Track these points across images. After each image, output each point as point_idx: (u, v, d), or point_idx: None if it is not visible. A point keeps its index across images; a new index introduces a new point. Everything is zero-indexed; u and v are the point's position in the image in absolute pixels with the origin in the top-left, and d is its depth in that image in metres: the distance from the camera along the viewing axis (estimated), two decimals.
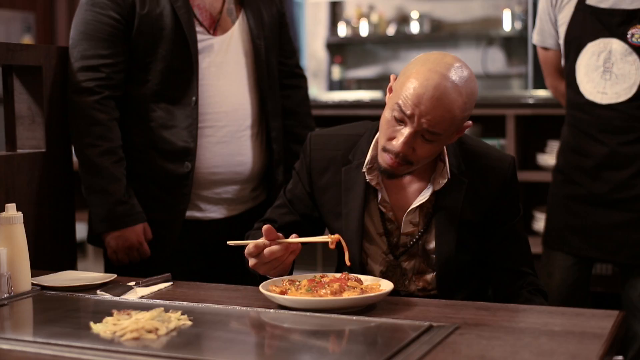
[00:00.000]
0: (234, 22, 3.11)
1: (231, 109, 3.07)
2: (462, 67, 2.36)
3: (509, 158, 2.55)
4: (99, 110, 2.94)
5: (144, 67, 3.00)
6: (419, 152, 2.34)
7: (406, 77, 2.35)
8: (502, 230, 2.52)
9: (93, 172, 2.95)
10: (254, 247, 2.30)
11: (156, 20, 2.96)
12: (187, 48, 2.98)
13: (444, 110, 2.28)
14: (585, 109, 3.40)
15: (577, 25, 3.39)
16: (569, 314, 2.12)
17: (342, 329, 2.02)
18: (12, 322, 2.22)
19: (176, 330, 1.97)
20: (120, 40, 2.97)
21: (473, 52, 7.19)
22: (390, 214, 2.52)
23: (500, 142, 4.80)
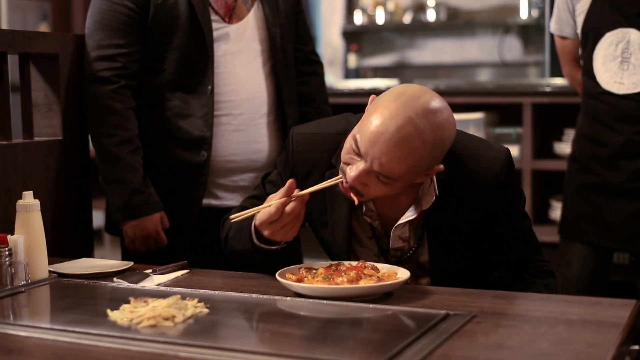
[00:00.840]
0: (249, 10, 3.10)
1: (247, 97, 3.06)
2: (438, 111, 2.16)
3: (502, 158, 2.36)
4: (115, 100, 2.95)
5: (159, 56, 3.00)
6: (373, 191, 2.22)
7: (374, 109, 2.19)
8: (501, 228, 2.40)
9: (110, 161, 2.95)
10: (275, 210, 2.20)
11: (171, 9, 2.96)
12: (202, 37, 2.97)
13: (401, 157, 2.12)
14: (602, 98, 3.39)
15: (595, 14, 3.37)
16: (586, 303, 2.11)
17: (359, 317, 2.02)
18: (29, 310, 2.23)
19: (193, 317, 1.97)
20: (135, 30, 2.97)
21: (490, 40, 7.16)
22: (376, 223, 2.42)
23: (517, 131, 4.79)
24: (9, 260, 2.28)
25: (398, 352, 1.70)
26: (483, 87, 5.26)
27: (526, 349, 1.74)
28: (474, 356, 1.71)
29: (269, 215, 2.23)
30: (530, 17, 6.88)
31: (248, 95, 3.07)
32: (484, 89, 5.06)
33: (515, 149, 4.77)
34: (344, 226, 2.44)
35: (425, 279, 2.46)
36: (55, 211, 2.98)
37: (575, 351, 1.72)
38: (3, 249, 2.27)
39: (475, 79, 7.21)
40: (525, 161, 4.72)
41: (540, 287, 2.37)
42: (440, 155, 2.21)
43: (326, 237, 2.49)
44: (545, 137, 4.87)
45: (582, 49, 3.47)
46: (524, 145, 4.73)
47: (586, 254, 3.52)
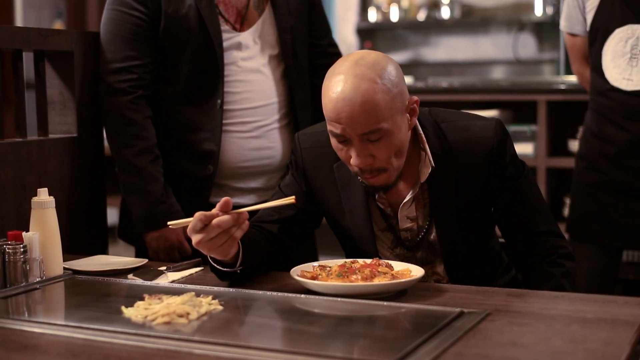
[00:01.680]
0: (261, 15, 3.07)
1: (259, 105, 3.05)
2: (362, 57, 2.27)
3: (493, 123, 2.43)
4: (132, 110, 2.94)
5: (170, 67, 3.00)
6: (380, 156, 2.27)
7: (322, 98, 2.30)
8: (506, 196, 2.43)
9: (130, 172, 2.96)
10: (199, 219, 2.15)
11: (182, 21, 2.94)
12: (212, 49, 2.96)
13: (364, 104, 2.20)
14: (610, 95, 3.37)
15: (605, 11, 3.37)
16: (600, 301, 2.10)
17: (373, 315, 2.02)
18: (44, 306, 2.23)
19: (207, 314, 1.97)
20: (148, 40, 2.97)
21: (504, 38, 7.14)
22: (388, 210, 2.48)
23: (531, 128, 4.78)
24: (24, 257, 2.29)
25: (412, 350, 1.70)
26: (497, 84, 5.26)
27: (540, 347, 1.73)
28: (488, 354, 1.71)
29: (193, 225, 2.16)
30: (545, 15, 6.85)
31: (260, 102, 3.05)
32: (499, 87, 5.06)
33: (530, 147, 4.76)
34: (362, 210, 2.47)
35: (440, 265, 2.48)
36: (70, 208, 2.99)
37: (589, 349, 1.72)
38: (18, 245, 2.28)
39: (490, 76, 7.20)
40: (539, 159, 4.71)
41: (558, 279, 2.36)
42: (396, 84, 2.26)
43: (346, 225, 2.51)
44: (559, 135, 4.86)
45: (591, 46, 3.46)
46: (538, 142, 4.72)
47: (595, 254, 3.52)
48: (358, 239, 2.49)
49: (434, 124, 2.43)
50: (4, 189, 2.75)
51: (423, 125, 2.42)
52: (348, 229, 2.52)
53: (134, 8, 2.95)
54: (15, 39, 2.84)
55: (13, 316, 2.07)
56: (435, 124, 2.43)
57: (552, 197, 4.86)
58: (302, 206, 2.55)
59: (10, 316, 2.06)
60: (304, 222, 2.57)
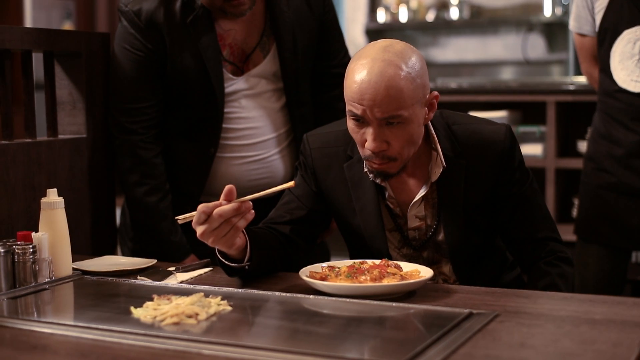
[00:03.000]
0: (266, 56, 3.02)
1: (260, 140, 3.03)
2: (391, 44, 2.30)
3: (503, 128, 2.47)
4: (143, 149, 2.95)
5: (172, 108, 2.99)
6: (395, 143, 2.29)
7: (346, 80, 2.32)
8: (511, 200, 2.46)
9: (139, 210, 2.98)
10: (202, 211, 2.16)
11: (185, 69, 2.92)
12: (214, 101, 2.93)
13: (388, 89, 2.22)
14: (618, 96, 3.37)
15: (614, 12, 3.36)
16: (610, 302, 2.10)
17: (382, 316, 2.02)
18: (53, 307, 2.24)
19: (216, 315, 1.97)
20: (157, 78, 2.96)
21: (513, 38, 7.14)
22: (397, 210, 2.49)
23: (540, 129, 4.78)
24: (33, 258, 2.29)
25: (421, 351, 1.70)
26: (506, 85, 5.25)
27: (550, 349, 1.73)
28: (497, 355, 1.70)
29: (197, 217, 2.17)
30: (554, 15, 6.85)
31: (261, 137, 3.03)
32: (508, 87, 5.05)
33: (539, 148, 4.76)
34: (373, 208, 2.48)
35: (447, 265, 2.50)
36: (79, 209, 2.99)
37: (599, 351, 1.71)
38: (27, 246, 2.28)
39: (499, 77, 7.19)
40: (548, 160, 4.71)
41: (554, 277, 2.40)
42: (420, 75, 2.29)
43: (356, 224, 2.52)
44: (568, 136, 4.86)
45: (600, 47, 3.45)
46: (547, 143, 4.72)
47: (603, 255, 3.51)
48: (368, 238, 2.50)
49: (446, 125, 2.46)
50: (14, 189, 2.76)
51: (435, 126, 2.44)
52: (358, 228, 2.52)
53: (138, 48, 2.93)
54: (25, 40, 2.84)
55: (22, 316, 2.07)
56: (447, 126, 2.46)
57: (561, 198, 4.85)
58: (313, 206, 2.56)
59: (20, 316, 2.07)
60: (314, 222, 2.58)
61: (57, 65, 3.04)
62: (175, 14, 2.90)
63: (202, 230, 2.16)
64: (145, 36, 2.92)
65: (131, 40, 2.93)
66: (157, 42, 2.92)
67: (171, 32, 2.91)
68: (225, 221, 2.16)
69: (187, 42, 2.91)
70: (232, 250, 2.25)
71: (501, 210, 2.48)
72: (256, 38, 3.00)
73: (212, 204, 2.16)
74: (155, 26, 2.91)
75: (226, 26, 2.96)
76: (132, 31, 2.93)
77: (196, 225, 2.18)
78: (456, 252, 2.47)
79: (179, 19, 2.90)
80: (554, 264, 2.43)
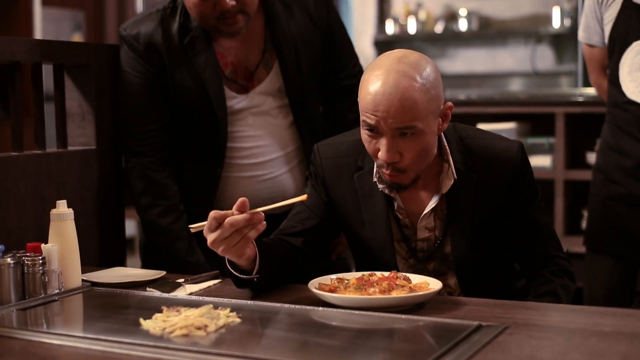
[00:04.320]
0: (269, 72, 3.00)
1: (269, 158, 3.01)
2: (405, 55, 2.31)
3: (516, 145, 2.48)
4: (154, 171, 2.95)
5: (177, 128, 2.99)
6: (408, 155, 2.29)
7: (360, 90, 2.32)
8: (519, 218, 2.46)
9: (155, 232, 2.96)
10: (214, 217, 2.17)
11: (185, 92, 2.92)
12: (216, 122, 2.92)
13: (403, 101, 2.22)
14: (627, 108, 3.36)
15: (623, 23, 3.36)
16: (619, 314, 2.10)
17: (391, 328, 2.02)
18: (62, 318, 2.24)
19: (225, 327, 1.97)
20: (163, 100, 2.95)
21: (522, 50, 7.14)
22: (406, 221, 2.49)
23: (549, 141, 4.77)
24: (43, 269, 2.30)
25: None
26: (515, 97, 5.25)
27: None
28: None
29: (209, 223, 2.19)
30: (563, 27, 6.85)
31: (270, 155, 3.01)
32: (516, 99, 5.05)
33: (548, 159, 4.75)
34: (383, 220, 2.48)
35: (453, 278, 2.49)
36: (89, 220, 3.00)
37: None
38: (37, 257, 2.29)
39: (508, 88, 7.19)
40: (557, 171, 4.70)
41: (556, 285, 2.40)
42: (435, 86, 2.30)
43: (365, 235, 2.52)
44: (577, 147, 4.85)
45: (609, 58, 3.45)
46: (556, 155, 4.71)
47: (612, 266, 3.50)
48: (377, 250, 2.50)
49: (458, 138, 2.46)
50: (23, 200, 2.77)
51: (447, 139, 2.45)
52: (367, 240, 2.52)
53: (140, 71, 2.93)
54: (35, 52, 2.85)
55: (32, 328, 2.08)
56: (460, 139, 2.46)
57: (570, 209, 4.84)
58: (324, 216, 2.56)
59: (29, 328, 2.07)
60: (325, 231, 2.58)
61: (67, 77, 3.05)
62: (173, 35, 2.91)
63: (213, 239, 2.17)
64: (146, 59, 2.92)
65: (133, 63, 2.94)
66: (157, 65, 2.92)
67: (170, 54, 2.91)
68: (236, 231, 2.16)
69: (186, 63, 2.91)
70: (242, 260, 2.25)
71: (508, 226, 2.48)
72: (258, 54, 2.99)
73: (223, 212, 2.17)
74: (154, 49, 2.91)
75: (226, 44, 2.95)
76: (132, 55, 2.93)
77: (207, 233, 2.18)
78: (462, 265, 2.46)
79: (177, 41, 2.91)
80: (558, 275, 2.44)
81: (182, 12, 2.93)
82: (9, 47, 2.77)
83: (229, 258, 2.26)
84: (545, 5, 7.06)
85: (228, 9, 2.78)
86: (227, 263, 2.30)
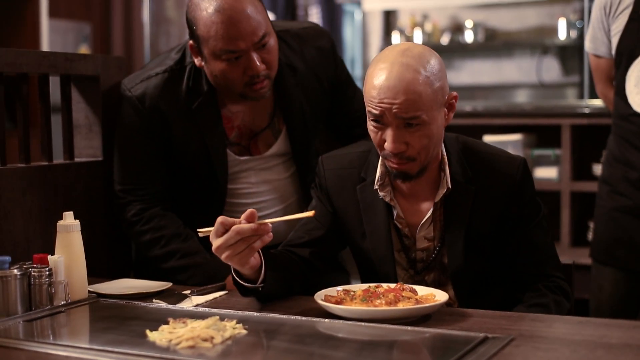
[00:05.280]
0: (277, 137, 2.98)
1: (272, 211, 2.99)
2: (409, 48, 2.33)
3: (518, 160, 2.47)
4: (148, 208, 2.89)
5: (175, 186, 2.95)
6: (415, 144, 2.31)
7: (365, 84, 2.35)
8: (517, 235, 2.45)
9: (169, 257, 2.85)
10: (221, 222, 2.19)
11: (189, 156, 2.88)
12: (216, 182, 2.89)
13: (407, 92, 2.25)
14: (633, 120, 3.36)
15: (630, 35, 3.36)
16: (625, 326, 2.09)
17: (397, 340, 2.02)
18: (68, 329, 2.24)
19: (231, 339, 1.98)
20: (162, 161, 2.91)
21: (528, 61, 7.15)
22: (406, 230, 2.49)
23: (555, 152, 4.77)
24: (49, 281, 2.30)
25: None
26: (521, 108, 5.26)
27: None
28: None
29: (216, 228, 2.20)
30: (569, 38, 6.85)
31: (273, 208, 2.99)
32: (522, 111, 5.05)
33: (554, 171, 4.75)
34: (383, 231, 2.48)
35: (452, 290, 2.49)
36: (95, 232, 3.00)
37: None
38: (43, 269, 2.29)
39: (513, 100, 7.20)
40: (563, 183, 4.70)
41: (549, 300, 2.38)
42: (439, 78, 2.33)
43: (365, 247, 2.52)
44: (583, 159, 4.85)
45: (616, 70, 3.45)
46: (562, 166, 4.71)
47: (618, 278, 3.50)
48: (377, 261, 2.50)
49: (459, 150, 2.46)
50: (30, 212, 2.77)
51: (447, 149, 2.45)
52: (367, 251, 2.52)
53: (142, 133, 2.88)
54: (42, 64, 2.86)
55: (38, 339, 2.08)
56: (460, 151, 2.46)
57: (576, 221, 4.84)
58: (330, 225, 2.57)
59: (36, 339, 2.07)
60: (333, 241, 2.59)
61: (74, 89, 3.06)
62: (180, 99, 2.85)
63: (218, 244, 2.18)
64: (149, 122, 2.86)
65: (135, 124, 2.88)
66: (161, 127, 2.87)
67: (176, 119, 2.86)
68: (242, 239, 2.17)
69: (192, 129, 2.86)
70: (245, 269, 2.26)
71: (506, 243, 2.47)
72: (265, 118, 2.95)
73: (232, 219, 2.18)
74: (159, 113, 2.86)
75: (234, 108, 2.91)
76: (135, 116, 2.88)
77: (213, 238, 2.20)
78: (458, 276, 2.46)
79: (184, 105, 2.85)
80: (553, 291, 2.42)
81: (190, 74, 2.87)
82: (16, 59, 2.78)
83: (233, 266, 2.27)
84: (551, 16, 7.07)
85: (259, 72, 2.72)
86: (232, 272, 2.31)
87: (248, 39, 2.67)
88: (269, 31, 2.73)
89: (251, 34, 2.67)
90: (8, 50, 2.76)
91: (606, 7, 3.45)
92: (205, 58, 2.76)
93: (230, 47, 2.67)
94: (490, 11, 7.30)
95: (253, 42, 2.68)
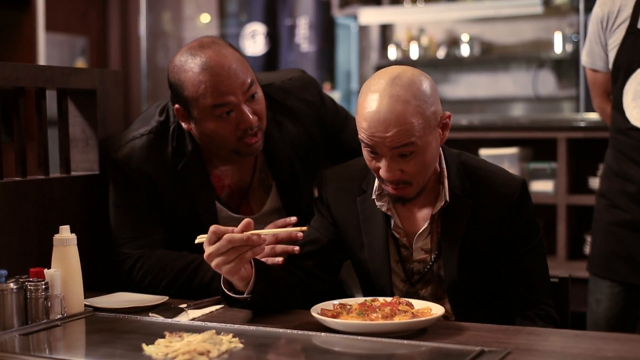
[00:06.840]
0: (269, 193, 2.96)
1: None
2: (399, 76, 2.30)
3: (518, 181, 2.46)
4: (150, 272, 2.83)
5: (170, 236, 2.92)
6: (409, 169, 2.32)
7: (356, 112, 2.34)
8: (511, 257, 2.45)
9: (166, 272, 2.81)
10: (214, 231, 2.21)
11: (177, 215, 2.87)
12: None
13: (398, 124, 2.24)
14: (631, 134, 3.37)
15: (627, 49, 3.36)
16: (622, 340, 2.09)
17: (393, 353, 2.02)
18: (65, 343, 2.24)
19: (227, 352, 1.98)
20: (154, 209, 2.88)
21: (524, 75, 7.15)
22: (404, 240, 2.50)
23: (551, 166, 4.78)
24: (45, 294, 2.30)
25: None
26: (517, 122, 5.27)
27: None
28: None
29: (209, 236, 2.22)
30: (565, 52, 6.86)
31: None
32: (518, 124, 5.06)
33: (550, 184, 4.76)
34: (381, 243, 2.49)
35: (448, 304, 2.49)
36: (92, 245, 3.00)
37: None
38: (40, 282, 2.29)
39: (510, 113, 7.20)
40: (560, 196, 4.71)
41: (538, 328, 2.34)
42: (429, 104, 2.30)
43: (363, 258, 2.53)
44: (579, 172, 4.86)
45: (613, 84, 3.45)
46: (558, 180, 4.72)
47: (616, 292, 3.50)
48: (373, 272, 2.51)
49: (459, 165, 2.47)
50: (26, 226, 2.77)
51: (447, 163, 2.45)
52: (365, 263, 2.53)
53: (130, 194, 2.87)
54: (39, 77, 2.87)
55: (34, 353, 2.08)
56: (461, 166, 2.47)
57: (573, 234, 4.84)
58: (332, 236, 2.58)
59: (32, 353, 2.07)
60: (335, 252, 2.60)
61: (70, 102, 3.06)
62: (166, 160, 2.84)
63: (210, 252, 2.21)
64: (137, 183, 2.85)
65: (125, 184, 2.87)
66: (148, 188, 2.85)
67: (163, 180, 2.84)
68: (232, 248, 2.19)
69: (179, 190, 2.84)
70: (235, 279, 2.28)
71: (500, 263, 2.46)
72: (255, 175, 2.94)
73: (225, 228, 2.20)
74: (145, 174, 2.84)
75: (223, 167, 2.90)
76: (124, 178, 2.86)
77: (206, 245, 2.22)
78: (453, 289, 2.46)
79: (170, 166, 2.84)
80: (543, 318, 2.41)
81: (174, 135, 2.85)
82: (12, 72, 2.78)
83: (223, 276, 2.28)
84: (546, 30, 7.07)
85: (252, 124, 2.71)
86: (222, 282, 2.32)
87: (238, 92, 2.68)
88: (255, 81, 2.74)
89: (240, 86, 2.68)
90: (5, 64, 2.76)
91: (603, 21, 3.46)
92: (195, 119, 2.74)
93: (221, 101, 2.66)
94: (487, 25, 7.30)
95: (243, 93, 2.68)
